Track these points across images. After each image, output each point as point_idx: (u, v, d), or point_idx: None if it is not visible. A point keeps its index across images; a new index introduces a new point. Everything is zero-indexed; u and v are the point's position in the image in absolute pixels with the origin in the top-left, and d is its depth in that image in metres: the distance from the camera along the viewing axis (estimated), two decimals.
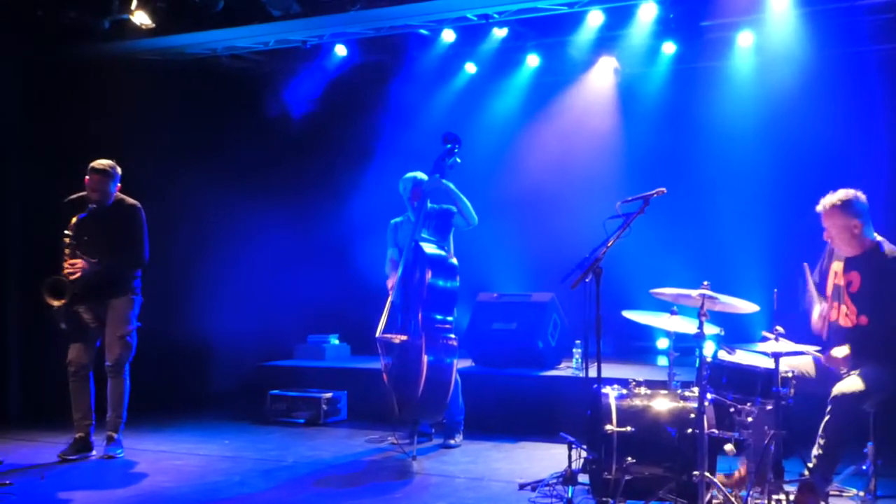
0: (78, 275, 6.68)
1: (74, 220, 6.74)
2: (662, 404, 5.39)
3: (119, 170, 6.94)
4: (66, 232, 6.73)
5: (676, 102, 9.23)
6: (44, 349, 7.68)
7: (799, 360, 5.44)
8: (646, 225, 5.54)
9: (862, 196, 5.39)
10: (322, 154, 10.20)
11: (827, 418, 5.09)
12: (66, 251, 6.72)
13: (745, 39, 8.82)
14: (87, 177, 6.84)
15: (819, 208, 5.42)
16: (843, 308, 5.39)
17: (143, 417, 7.76)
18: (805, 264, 5.52)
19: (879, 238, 5.39)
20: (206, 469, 6.66)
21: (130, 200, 7.02)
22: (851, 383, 5.12)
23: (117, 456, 6.90)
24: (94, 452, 6.94)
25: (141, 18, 8.33)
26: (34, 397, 8.54)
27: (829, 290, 5.53)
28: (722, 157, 8.81)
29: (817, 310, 5.49)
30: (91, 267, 6.73)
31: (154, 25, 8.39)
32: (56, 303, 6.65)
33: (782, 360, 5.02)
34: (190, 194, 9.00)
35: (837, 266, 5.49)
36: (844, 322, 5.38)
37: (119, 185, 6.95)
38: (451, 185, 7.16)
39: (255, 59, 9.69)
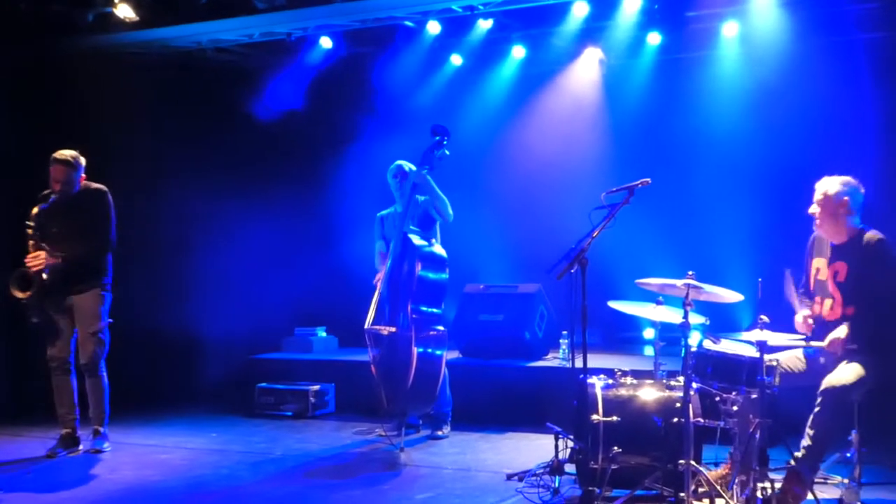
0: (40, 266, 6.63)
1: (35, 210, 6.71)
2: (648, 394, 5.42)
3: (82, 160, 6.86)
4: (27, 223, 6.70)
5: (662, 93, 9.23)
6: (29, 344, 7.65)
7: (784, 355, 5.45)
8: (631, 215, 5.55)
9: (862, 189, 5.44)
10: (308, 147, 10.18)
11: (816, 410, 5.09)
12: (31, 243, 6.69)
13: (730, 29, 8.80)
14: (50, 167, 6.79)
15: (818, 184, 5.46)
16: (828, 301, 5.40)
17: (130, 411, 7.76)
18: (787, 271, 5.53)
19: (861, 227, 5.41)
20: (194, 462, 6.66)
21: (96, 185, 6.94)
22: (841, 376, 5.12)
23: (104, 450, 6.89)
24: (80, 447, 6.93)
25: (125, 11, 8.30)
26: (20, 392, 8.51)
27: (812, 285, 5.55)
28: (707, 148, 8.81)
29: (800, 315, 5.50)
30: (55, 260, 6.67)
31: (138, 18, 8.37)
32: (22, 295, 6.62)
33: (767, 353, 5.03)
34: (176, 188, 8.98)
35: (819, 262, 5.51)
36: (829, 315, 5.39)
37: (83, 175, 6.89)
38: (432, 182, 7.15)
39: (240, 51, 9.64)
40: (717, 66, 9.02)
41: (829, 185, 5.42)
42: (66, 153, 6.81)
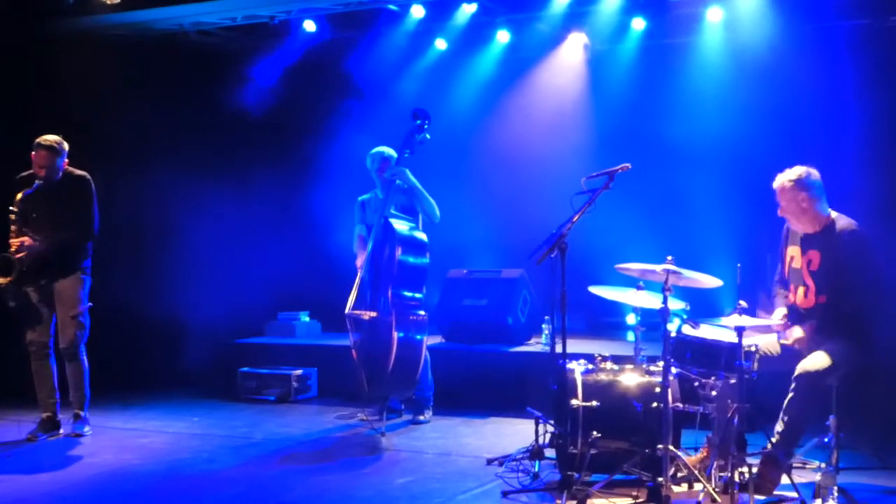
0: (24, 253, 6.59)
1: (20, 195, 6.66)
2: (628, 379, 5.44)
3: (66, 145, 6.80)
4: (10, 208, 6.65)
5: (646, 79, 9.23)
6: (9, 327, 7.60)
7: (763, 339, 5.47)
8: (613, 200, 5.55)
9: (815, 173, 5.42)
10: (291, 131, 10.12)
11: (791, 395, 5.12)
12: (13, 228, 6.64)
13: (714, 15, 8.79)
14: (32, 152, 6.73)
15: (774, 185, 5.46)
16: (802, 289, 5.42)
17: (111, 395, 7.74)
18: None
19: (835, 215, 5.42)
20: (174, 446, 6.65)
21: (79, 172, 6.88)
22: (815, 361, 5.15)
23: (84, 434, 6.88)
24: (61, 431, 6.90)
25: None
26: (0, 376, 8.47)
27: (787, 273, 5.56)
28: (689, 134, 8.76)
29: (778, 313, 5.51)
30: (37, 245, 6.63)
31: (119, 1, 8.28)
32: (2, 280, 6.58)
33: (746, 336, 5.05)
34: (159, 171, 8.92)
35: (794, 250, 5.52)
36: (803, 303, 5.42)
37: (66, 160, 6.84)
38: (416, 182, 7.12)
39: (223, 34, 9.59)
40: (702, 52, 9.00)
41: (782, 184, 5.42)
42: (50, 138, 6.75)
